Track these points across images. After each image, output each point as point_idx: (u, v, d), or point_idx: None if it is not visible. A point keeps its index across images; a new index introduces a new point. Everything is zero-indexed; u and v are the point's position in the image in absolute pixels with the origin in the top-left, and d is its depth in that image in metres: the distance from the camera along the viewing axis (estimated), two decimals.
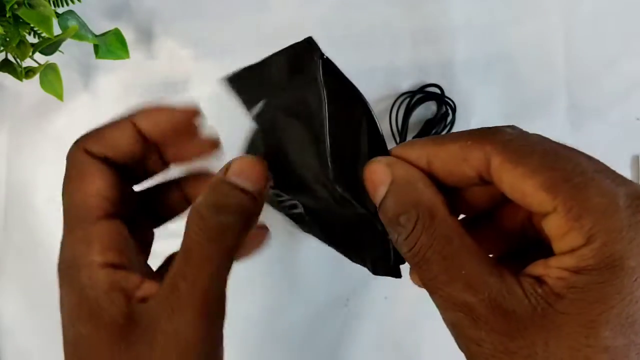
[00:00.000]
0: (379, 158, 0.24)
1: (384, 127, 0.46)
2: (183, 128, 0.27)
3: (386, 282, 0.28)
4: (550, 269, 0.20)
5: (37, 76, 0.41)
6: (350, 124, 0.25)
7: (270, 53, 0.28)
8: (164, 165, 0.29)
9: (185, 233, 0.24)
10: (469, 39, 0.49)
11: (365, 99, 0.25)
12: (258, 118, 0.27)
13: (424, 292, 0.24)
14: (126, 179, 0.27)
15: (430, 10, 0.49)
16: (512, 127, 0.23)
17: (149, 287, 0.24)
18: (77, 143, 0.26)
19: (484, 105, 0.49)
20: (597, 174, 0.20)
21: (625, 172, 0.49)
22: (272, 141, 0.27)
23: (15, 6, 0.37)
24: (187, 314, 0.22)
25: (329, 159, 0.24)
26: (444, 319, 0.21)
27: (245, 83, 0.28)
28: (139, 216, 0.28)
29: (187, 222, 0.24)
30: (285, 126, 0.26)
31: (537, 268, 0.20)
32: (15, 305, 0.49)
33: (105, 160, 0.26)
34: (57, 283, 0.24)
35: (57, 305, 0.25)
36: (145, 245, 0.29)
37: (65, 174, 0.26)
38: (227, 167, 0.24)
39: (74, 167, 0.26)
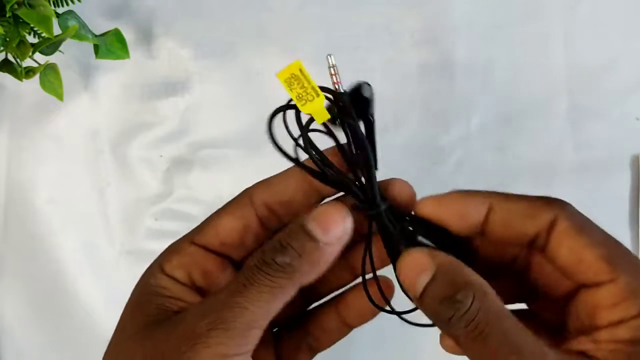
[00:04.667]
0: (417, 248, 0.24)
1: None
2: None
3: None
4: (600, 344, 0.21)
5: (37, 76, 0.41)
6: None
7: (270, 53, 0.28)
8: None
9: (249, 257, 0.25)
10: (469, 40, 0.49)
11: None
12: None
13: None
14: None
15: (430, 10, 0.49)
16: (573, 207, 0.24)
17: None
18: (246, 189, 0.28)
19: (484, 106, 0.49)
20: None
21: (625, 172, 0.49)
22: None
23: (15, 6, 0.37)
24: (212, 316, 0.23)
25: None
26: None
27: None
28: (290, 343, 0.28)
29: (257, 249, 0.25)
30: None
31: (582, 344, 0.21)
32: (15, 305, 0.49)
33: (260, 210, 0.27)
34: (56, 283, 0.25)
35: (57, 305, 0.25)
36: None
37: (225, 204, 0.28)
38: (313, 210, 0.25)
39: (231, 201, 0.27)
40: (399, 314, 0.27)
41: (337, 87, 0.26)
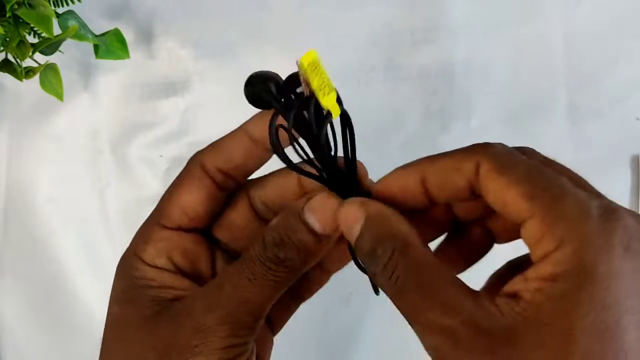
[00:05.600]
0: (352, 199, 0.25)
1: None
2: None
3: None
4: (527, 282, 0.20)
5: (37, 76, 0.41)
6: None
7: (270, 53, 0.28)
8: None
9: (250, 246, 0.25)
10: (469, 39, 0.49)
11: None
12: None
13: None
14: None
15: (430, 10, 0.49)
16: (502, 144, 0.24)
17: (188, 292, 0.26)
18: (195, 155, 0.27)
19: (484, 106, 0.49)
20: (574, 188, 0.21)
21: (625, 172, 0.49)
22: None
23: (15, 6, 0.37)
24: (221, 311, 0.24)
25: None
26: (425, 346, 0.21)
27: None
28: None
29: (257, 237, 0.25)
30: None
31: (514, 284, 0.21)
32: (15, 305, 0.49)
33: (216, 177, 0.27)
34: (56, 283, 0.25)
35: (57, 305, 0.25)
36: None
37: (175, 178, 0.27)
38: (308, 199, 0.25)
39: (183, 174, 0.27)
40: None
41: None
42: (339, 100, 0.25)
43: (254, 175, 0.28)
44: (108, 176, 0.49)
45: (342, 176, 0.26)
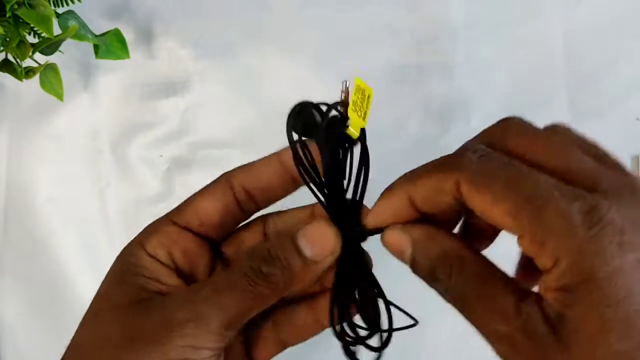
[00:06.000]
0: (393, 226, 0.25)
1: None
2: None
3: (387, 282, 0.28)
4: (547, 292, 0.21)
5: (37, 76, 0.41)
6: None
7: (270, 53, 0.28)
8: None
9: (239, 256, 0.26)
10: (469, 39, 0.49)
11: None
12: None
13: (424, 293, 0.24)
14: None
15: (430, 10, 0.49)
16: (474, 146, 0.24)
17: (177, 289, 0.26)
18: (224, 173, 0.28)
19: (484, 106, 0.49)
20: (555, 191, 0.21)
21: None
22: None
23: (15, 6, 0.37)
24: (191, 310, 0.24)
25: None
26: (496, 354, 0.22)
27: None
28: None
29: (247, 249, 0.26)
30: None
31: (541, 289, 0.21)
32: (15, 305, 0.49)
33: (240, 195, 0.27)
34: (56, 283, 0.25)
35: (57, 305, 0.26)
36: None
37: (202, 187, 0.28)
38: (305, 224, 0.25)
39: (209, 184, 0.28)
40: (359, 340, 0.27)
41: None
42: (363, 134, 0.26)
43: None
44: (108, 176, 0.49)
45: (345, 207, 0.26)
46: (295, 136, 0.25)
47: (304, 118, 0.25)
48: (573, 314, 0.20)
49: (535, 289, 0.22)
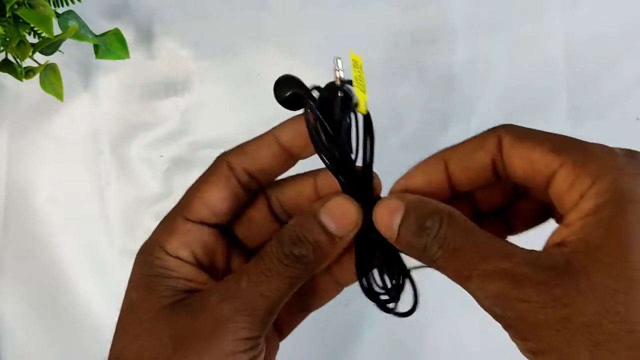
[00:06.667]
0: (388, 195, 0.26)
1: None
2: None
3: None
4: (571, 226, 0.21)
5: (37, 76, 0.41)
6: None
7: (270, 53, 0.28)
8: None
9: (267, 243, 0.26)
10: (469, 39, 0.49)
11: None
12: None
13: (425, 293, 0.24)
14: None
15: (430, 10, 0.49)
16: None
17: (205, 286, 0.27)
18: (222, 155, 0.28)
19: (484, 105, 0.49)
20: (593, 144, 0.23)
21: None
22: None
23: (15, 6, 0.37)
24: (237, 303, 0.25)
25: None
26: (484, 297, 0.22)
27: None
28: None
29: (274, 235, 0.26)
30: None
31: (557, 235, 0.22)
32: (15, 305, 0.49)
33: (242, 178, 0.28)
34: (56, 283, 0.25)
35: (57, 305, 0.26)
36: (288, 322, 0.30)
37: (202, 175, 0.28)
38: (324, 201, 0.26)
39: (210, 171, 0.28)
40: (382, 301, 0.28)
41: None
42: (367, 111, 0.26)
43: None
44: (108, 176, 0.49)
45: (357, 180, 0.26)
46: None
47: (293, 89, 0.26)
48: (602, 232, 0.20)
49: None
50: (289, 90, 0.26)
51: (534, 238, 0.26)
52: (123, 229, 0.49)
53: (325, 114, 0.25)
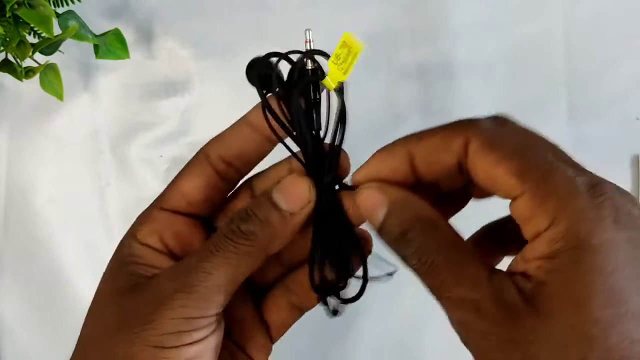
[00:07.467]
0: (369, 184, 0.25)
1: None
2: None
3: (387, 282, 0.28)
4: (528, 262, 0.21)
5: (37, 76, 0.41)
6: None
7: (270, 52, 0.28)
8: None
9: (219, 227, 0.26)
10: (469, 39, 0.49)
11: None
12: None
13: (425, 293, 0.24)
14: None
15: (431, 10, 0.49)
16: (494, 117, 0.24)
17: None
18: (202, 147, 0.28)
19: (484, 105, 0.49)
20: (561, 164, 0.21)
21: (625, 172, 0.49)
22: None
23: (15, 6, 0.37)
24: (179, 281, 0.24)
25: None
26: (452, 320, 0.22)
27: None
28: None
29: (226, 219, 0.26)
30: None
31: (518, 264, 0.22)
32: (15, 305, 0.49)
33: (219, 166, 0.27)
34: (56, 283, 0.25)
35: (57, 305, 0.26)
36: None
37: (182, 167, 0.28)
38: (278, 181, 0.26)
39: (189, 162, 0.28)
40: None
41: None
42: (341, 90, 0.26)
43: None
44: (108, 176, 0.50)
45: (320, 157, 0.26)
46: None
47: (261, 71, 0.26)
48: (557, 280, 0.20)
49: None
50: (257, 71, 0.26)
51: None
52: (123, 229, 0.49)
53: (285, 90, 0.25)
